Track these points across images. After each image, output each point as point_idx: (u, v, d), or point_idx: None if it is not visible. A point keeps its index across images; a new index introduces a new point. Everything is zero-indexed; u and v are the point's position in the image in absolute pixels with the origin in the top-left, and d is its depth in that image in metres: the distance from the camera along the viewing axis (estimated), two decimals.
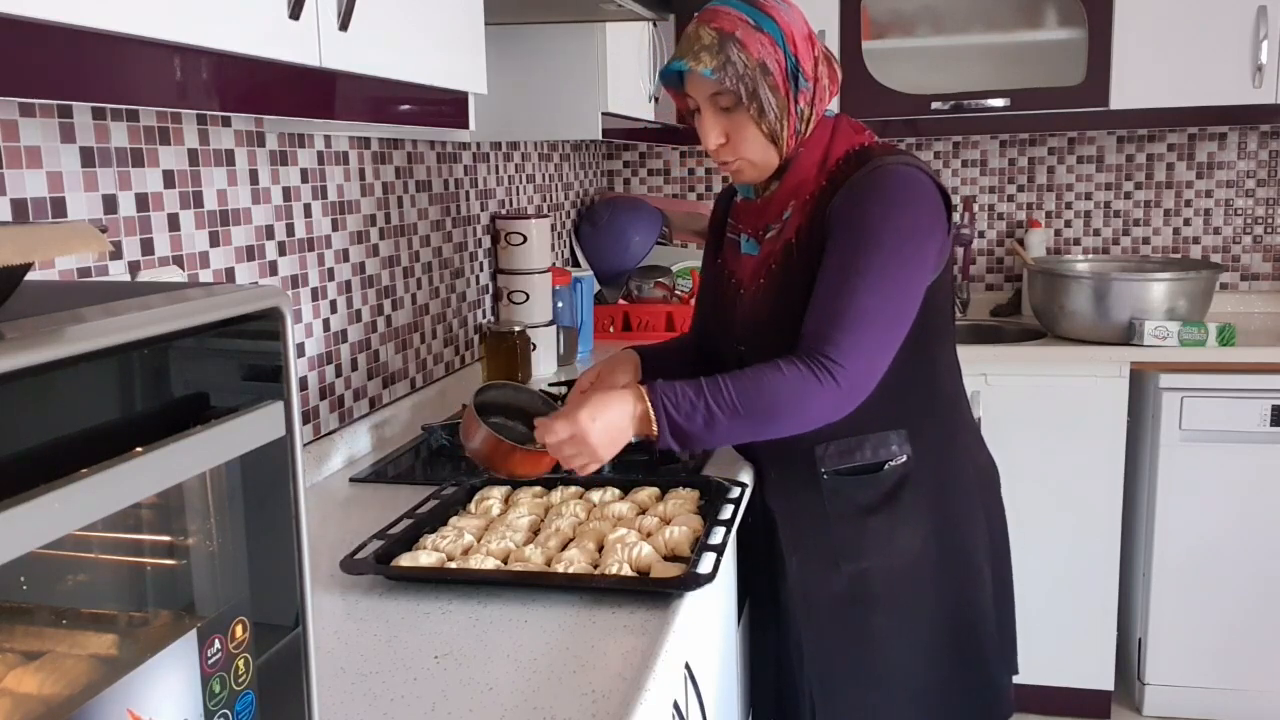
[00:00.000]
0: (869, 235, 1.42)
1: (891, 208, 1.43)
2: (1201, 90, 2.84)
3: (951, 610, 1.60)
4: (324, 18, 1.13)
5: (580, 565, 1.29)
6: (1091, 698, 2.86)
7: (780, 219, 1.55)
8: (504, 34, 2.31)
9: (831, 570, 1.57)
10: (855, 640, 1.58)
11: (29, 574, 0.55)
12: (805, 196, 1.51)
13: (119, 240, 1.36)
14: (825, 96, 1.51)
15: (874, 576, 1.57)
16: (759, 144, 1.49)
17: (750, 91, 1.44)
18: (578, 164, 3.29)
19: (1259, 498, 2.71)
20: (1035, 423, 2.77)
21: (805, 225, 1.50)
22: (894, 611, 1.58)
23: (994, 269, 3.43)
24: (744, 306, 1.59)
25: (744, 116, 1.47)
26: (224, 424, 0.67)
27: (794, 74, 1.46)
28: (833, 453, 1.55)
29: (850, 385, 1.39)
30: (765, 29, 1.45)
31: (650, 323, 2.89)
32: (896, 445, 1.56)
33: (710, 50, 1.44)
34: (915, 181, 1.46)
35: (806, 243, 1.49)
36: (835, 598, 1.57)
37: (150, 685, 0.62)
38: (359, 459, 1.89)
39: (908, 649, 1.59)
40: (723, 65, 1.43)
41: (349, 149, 1.92)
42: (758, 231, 1.59)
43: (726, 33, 1.44)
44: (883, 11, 3.15)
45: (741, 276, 1.61)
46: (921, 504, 1.57)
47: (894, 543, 1.56)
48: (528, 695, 1.04)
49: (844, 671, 1.59)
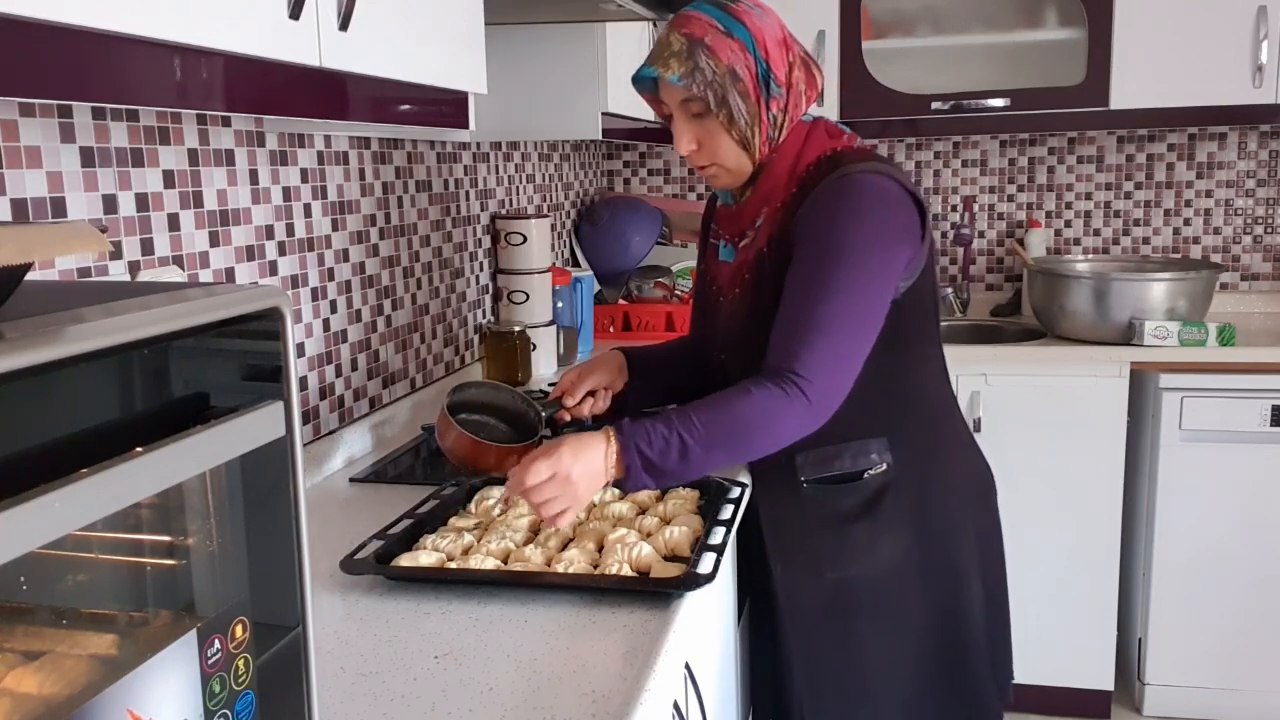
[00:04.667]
0: (832, 247, 1.40)
1: (854, 217, 1.41)
2: (1201, 90, 2.84)
3: (937, 618, 1.58)
4: (324, 18, 1.13)
5: (580, 565, 1.29)
6: (1091, 698, 2.86)
7: (753, 226, 1.54)
8: (504, 34, 2.31)
9: (815, 578, 1.56)
10: (840, 648, 1.57)
11: (29, 574, 0.55)
12: (776, 204, 1.50)
13: (119, 240, 1.36)
14: (801, 102, 1.50)
15: (857, 585, 1.55)
16: (731, 150, 1.48)
17: (719, 98, 1.43)
18: (578, 164, 3.28)
19: (1259, 498, 2.71)
20: (1035, 423, 2.77)
21: (775, 235, 1.49)
22: (878, 620, 1.56)
23: (994, 269, 3.43)
24: (723, 314, 1.58)
25: (714, 123, 1.46)
26: (224, 424, 0.67)
27: (765, 80, 1.45)
28: (812, 461, 1.54)
29: (819, 400, 1.38)
30: (736, 35, 1.43)
31: (650, 323, 2.89)
32: (876, 453, 1.54)
33: (679, 57, 1.43)
34: (879, 189, 1.43)
35: (776, 253, 1.48)
36: (819, 605, 1.56)
37: (150, 685, 0.62)
38: (359, 459, 1.89)
39: (893, 656, 1.58)
40: (690, 72, 1.42)
41: (349, 149, 1.92)
42: (734, 238, 1.58)
43: (696, 39, 1.43)
44: (883, 11, 3.15)
45: (721, 283, 1.61)
46: (904, 512, 1.55)
47: (876, 551, 1.55)
48: (528, 695, 1.04)
49: (830, 678, 1.57)
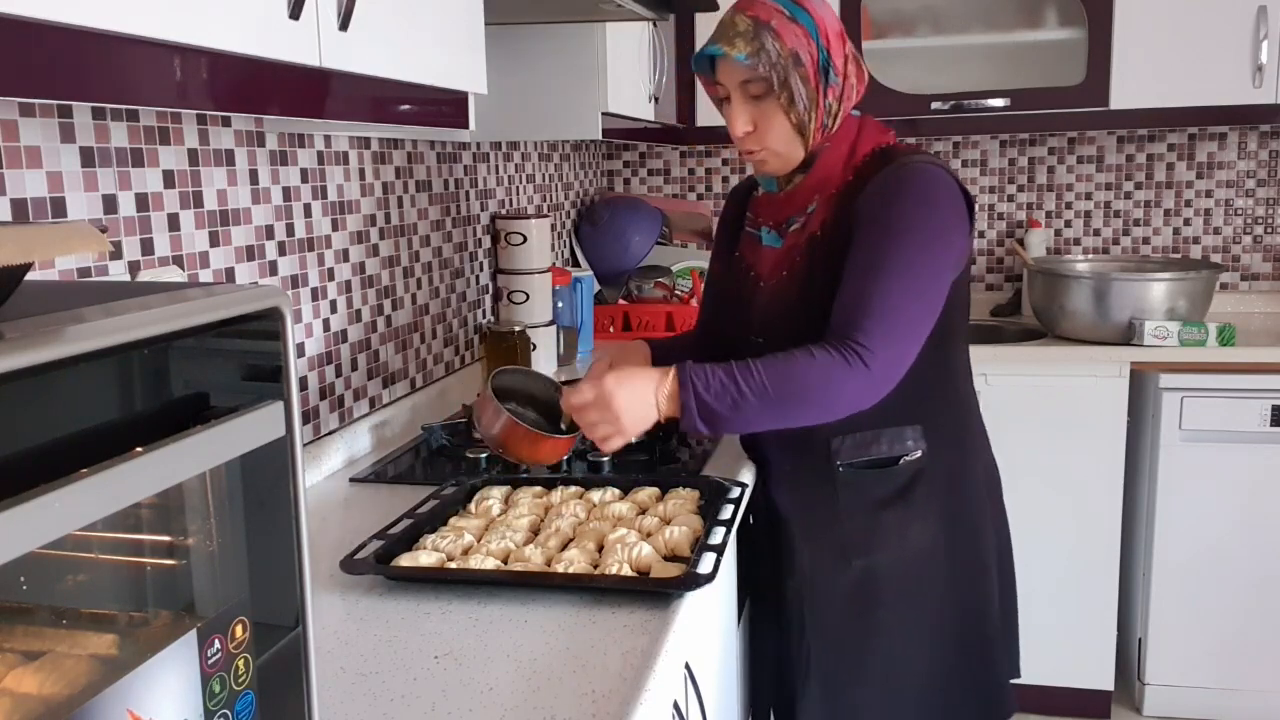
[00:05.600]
0: (897, 229, 1.43)
1: (918, 204, 1.45)
2: (1201, 90, 2.84)
3: (958, 607, 1.61)
4: (324, 17, 1.13)
5: (580, 565, 1.29)
6: (1091, 698, 2.86)
7: (804, 212, 1.56)
8: (504, 34, 2.31)
9: (841, 563, 1.58)
10: (861, 634, 1.59)
11: (29, 574, 0.55)
12: (831, 191, 1.53)
13: (119, 240, 1.36)
14: (853, 95, 1.53)
15: (883, 571, 1.58)
16: (786, 135, 1.50)
17: (782, 80, 1.46)
18: (578, 164, 3.28)
19: (1259, 498, 2.71)
20: (1035, 423, 2.77)
21: (830, 219, 1.51)
22: (901, 607, 1.59)
23: (994, 269, 3.43)
24: (762, 298, 1.60)
25: (773, 105, 1.48)
26: (224, 424, 0.67)
27: (825, 68, 1.47)
28: (849, 445, 1.56)
29: (880, 372, 1.39)
30: (800, 20, 1.46)
31: (650, 323, 2.89)
32: (912, 440, 1.57)
33: (745, 37, 1.45)
34: (940, 180, 1.47)
35: (831, 237, 1.50)
36: (844, 591, 1.59)
37: (150, 685, 0.62)
38: (359, 459, 1.89)
39: (913, 644, 1.60)
40: (756, 52, 1.44)
41: (349, 149, 1.92)
42: (779, 224, 1.60)
43: (762, 21, 1.45)
44: (883, 11, 3.15)
45: (761, 269, 1.62)
46: (934, 500, 1.58)
47: (905, 538, 1.58)
48: (528, 695, 1.04)
49: (849, 664, 1.60)
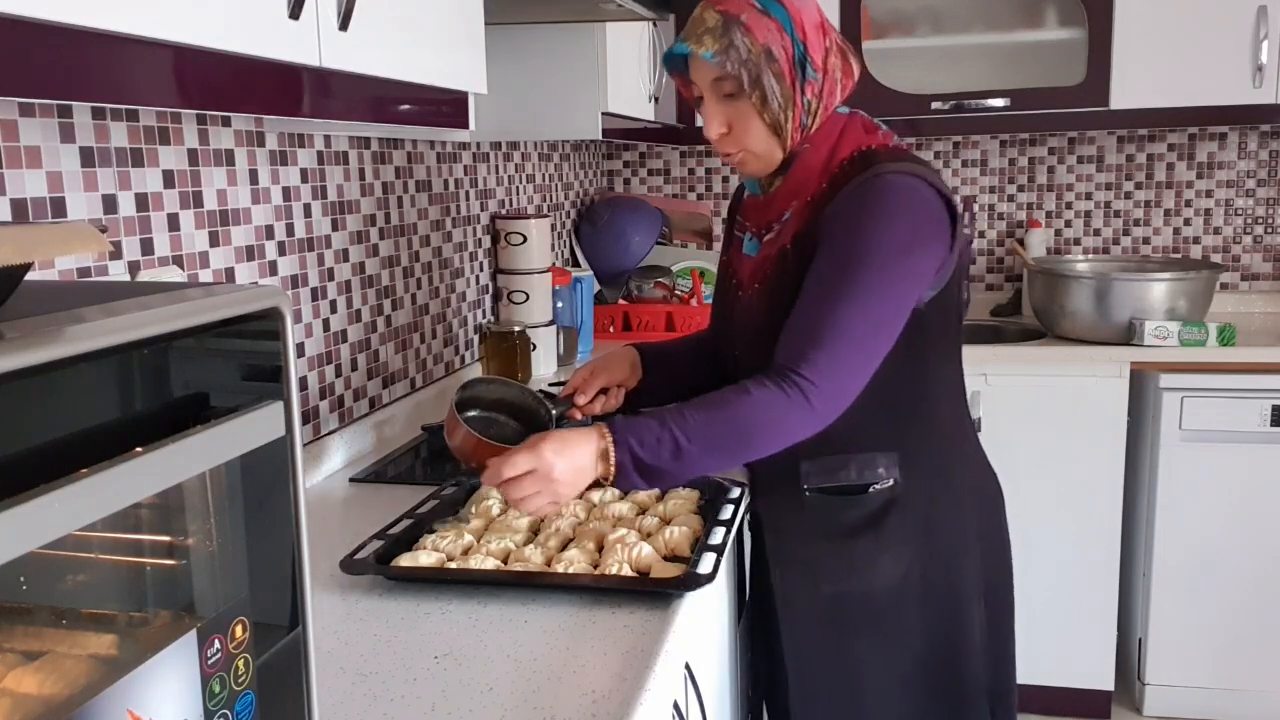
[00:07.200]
0: (855, 249, 1.35)
1: (880, 221, 1.36)
2: (1201, 90, 2.84)
3: (934, 641, 1.53)
4: (324, 17, 1.13)
5: (580, 565, 1.29)
6: (1091, 698, 2.86)
7: (780, 220, 1.49)
8: (504, 34, 2.31)
9: (812, 588, 1.52)
10: (833, 659, 1.53)
11: (29, 574, 0.55)
12: (806, 199, 1.45)
13: (119, 240, 1.36)
14: (837, 90, 1.45)
15: (854, 600, 1.51)
16: (761, 135, 1.43)
17: (753, 78, 1.39)
18: (578, 164, 3.28)
19: (1259, 498, 2.71)
20: (1035, 423, 2.77)
21: (801, 231, 1.44)
22: (873, 636, 1.52)
23: (994, 269, 3.43)
24: (741, 309, 1.54)
25: (746, 105, 1.41)
26: (224, 424, 0.67)
27: (801, 63, 1.40)
28: (817, 469, 1.49)
29: (822, 405, 1.32)
30: (773, 14, 1.39)
31: (650, 323, 2.89)
32: (884, 468, 1.48)
33: (713, 33, 1.39)
34: (912, 192, 1.38)
35: (800, 250, 1.43)
36: (815, 615, 1.52)
37: (150, 685, 0.62)
38: (359, 459, 1.89)
39: (886, 675, 1.53)
40: (725, 49, 1.38)
41: (349, 149, 1.92)
42: (760, 231, 1.54)
43: (732, 16, 1.39)
44: (883, 11, 3.15)
45: (741, 277, 1.56)
46: (908, 531, 1.50)
47: (876, 568, 1.50)
48: (527, 695, 1.04)
49: (822, 687, 1.54)
